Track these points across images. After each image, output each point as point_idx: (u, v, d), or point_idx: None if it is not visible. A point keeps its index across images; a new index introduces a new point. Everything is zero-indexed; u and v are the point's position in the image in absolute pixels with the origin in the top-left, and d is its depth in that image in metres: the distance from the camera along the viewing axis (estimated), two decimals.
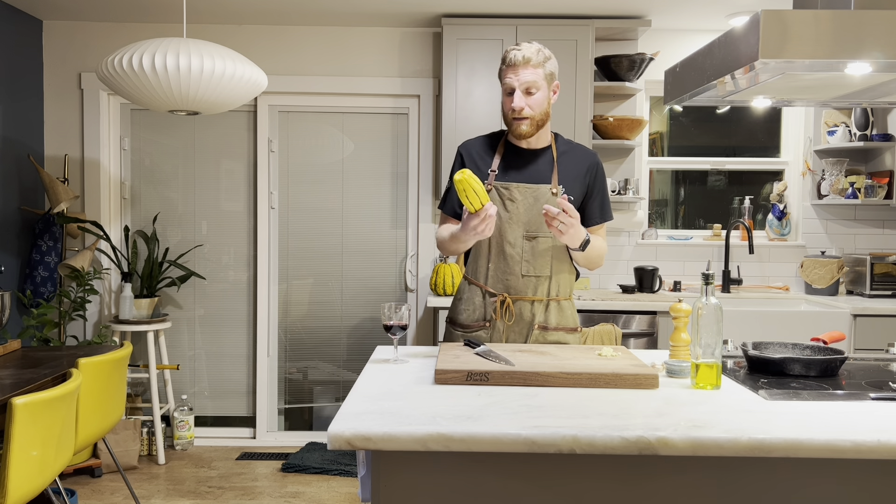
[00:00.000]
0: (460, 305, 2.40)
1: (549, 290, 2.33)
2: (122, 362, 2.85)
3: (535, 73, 2.24)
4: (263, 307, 4.35)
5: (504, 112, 2.31)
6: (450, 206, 2.43)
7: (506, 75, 2.26)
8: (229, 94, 2.98)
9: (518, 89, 2.24)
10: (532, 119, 2.26)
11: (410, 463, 1.45)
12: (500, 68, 2.30)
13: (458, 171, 2.05)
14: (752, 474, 1.45)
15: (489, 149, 2.38)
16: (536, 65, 2.24)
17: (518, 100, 2.23)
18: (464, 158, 2.40)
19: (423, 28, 4.23)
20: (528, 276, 2.29)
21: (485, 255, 2.33)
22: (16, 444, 2.02)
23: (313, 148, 4.37)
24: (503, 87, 2.29)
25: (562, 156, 2.36)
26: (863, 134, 4.04)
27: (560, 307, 2.36)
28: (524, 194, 2.29)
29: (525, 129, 2.27)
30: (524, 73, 2.23)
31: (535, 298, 2.32)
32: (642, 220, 4.21)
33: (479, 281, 2.36)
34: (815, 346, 2.03)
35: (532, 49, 2.25)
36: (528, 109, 2.25)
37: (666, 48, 4.17)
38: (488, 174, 2.34)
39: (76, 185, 4.23)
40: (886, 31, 1.65)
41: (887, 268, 3.96)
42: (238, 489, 3.60)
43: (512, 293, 2.31)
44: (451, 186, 2.41)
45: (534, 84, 2.24)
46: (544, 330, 2.33)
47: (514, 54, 2.24)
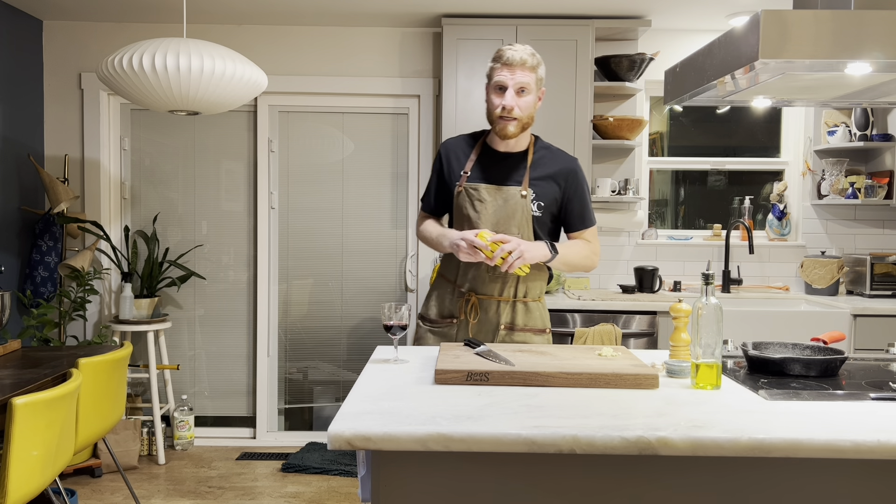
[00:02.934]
0: (431, 301, 2.45)
1: (517, 291, 2.35)
2: (122, 362, 2.85)
3: (529, 75, 2.26)
4: (263, 307, 4.35)
5: (490, 110, 2.31)
6: (427, 204, 2.51)
7: (499, 73, 2.27)
8: (229, 94, 2.98)
9: (511, 88, 2.25)
10: (520, 120, 2.28)
11: (410, 463, 1.45)
12: (492, 66, 2.30)
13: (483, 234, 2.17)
14: (752, 474, 1.45)
15: (467, 149, 2.42)
16: (531, 67, 2.27)
17: (510, 98, 2.24)
18: (441, 157, 2.45)
19: (423, 28, 4.23)
20: (494, 275, 2.32)
21: None
22: (16, 444, 2.02)
23: (313, 148, 4.37)
24: (493, 84, 2.29)
25: (538, 160, 2.37)
26: (863, 134, 4.04)
27: (527, 308, 2.37)
28: (493, 196, 2.31)
29: (512, 130, 2.28)
30: (520, 73, 2.25)
31: (501, 298, 2.34)
32: (642, 220, 4.21)
33: (451, 278, 2.40)
34: (815, 346, 2.03)
35: (527, 51, 2.27)
36: (518, 110, 2.26)
37: (666, 48, 4.17)
38: (461, 175, 2.37)
39: (76, 185, 4.23)
40: (886, 31, 1.65)
41: (887, 268, 3.96)
42: (238, 489, 3.60)
43: (479, 292, 2.34)
44: (430, 183, 2.49)
45: (527, 86, 2.26)
46: (510, 330, 2.35)
47: (511, 54, 2.25)
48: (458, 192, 2.36)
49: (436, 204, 2.49)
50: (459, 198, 2.35)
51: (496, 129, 2.30)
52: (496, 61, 2.29)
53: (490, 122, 2.33)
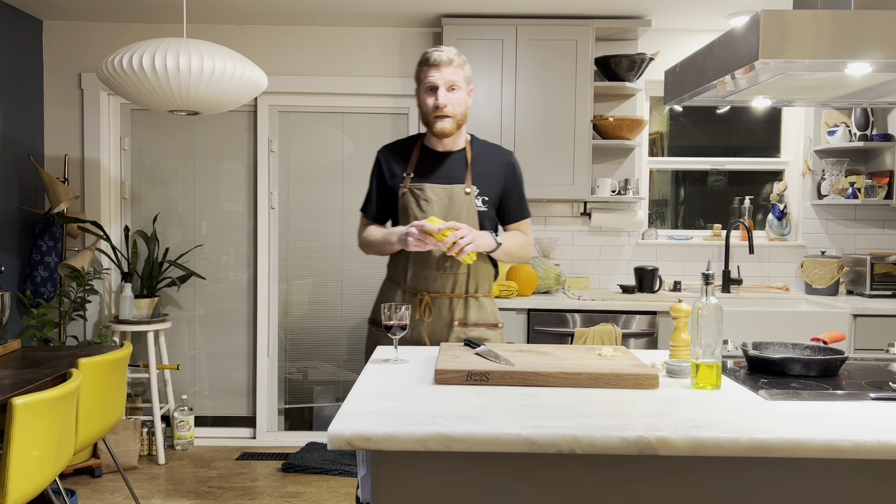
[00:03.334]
0: (381, 304, 2.44)
1: (468, 287, 2.41)
2: (122, 362, 2.85)
3: (457, 72, 2.36)
4: (263, 307, 4.35)
5: (425, 112, 2.39)
6: (369, 212, 2.52)
7: (428, 74, 2.35)
8: (229, 94, 2.98)
9: (442, 87, 2.33)
10: (454, 118, 2.36)
11: (410, 463, 1.45)
12: (420, 69, 2.39)
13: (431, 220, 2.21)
14: (752, 474, 1.45)
15: (406, 152, 2.47)
16: (458, 65, 2.36)
17: (443, 96, 2.33)
18: (380, 164, 2.49)
19: (423, 28, 4.23)
20: (445, 273, 2.37)
21: (404, 255, 2.41)
22: (16, 444, 2.02)
23: (313, 148, 4.37)
24: (424, 86, 2.37)
25: (476, 157, 2.44)
26: (863, 134, 4.04)
27: (479, 303, 2.44)
28: (438, 195, 2.37)
29: (448, 128, 2.35)
30: (447, 71, 2.33)
31: (454, 295, 2.40)
32: (642, 220, 4.21)
33: (400, 280, 2.43)
34: (815, 346, 2.03)
35: (452, 51, 2.37)
36: (451, 107, 2.34)
37: (666, 48, 4.17)
38: (404, 178, 2.42)
39: (76, 185, 4.23)
40: (886, 31, 1.65)
41: (887, 268, 3.96)
42: (238, 489, 3.60)
43: (431, 291, 2.39)
44: (370, 190, 2.52)
45: (456, 83, 2.35)
46: (464, 326, 2.40)
47: (437, 55, 2.35)
48: (402, 194, 2.41)
49: (378, 210, 2.52)
50: (404, 199, 2.40)
51: (434, 129, 2.37)
52: (423, 64, 2.37)
53: (426, 123, 2.40)
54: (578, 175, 3.92)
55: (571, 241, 4.27)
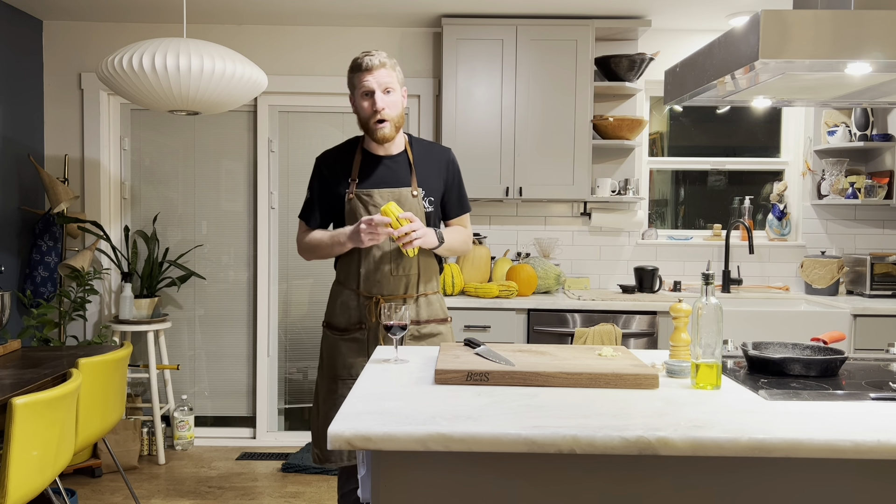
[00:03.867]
0: (336, 310, 2.50)
1: (419, 287, 2.46)
2: (122, 362, 2.85)
3: (390, 74, 2.39)
4: (263, 307, 4.35)
5: (363, 118, 2.41)
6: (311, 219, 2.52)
7: (363, 79, 2.37)
8: (229, 94, 2.98)
9: (378, 90, 2.36)
10: (392, 121, 2.39)
11: (410, 463, 1.45)
12: (353, 75, 2.40)
13: (387, 205, 2.24)
14: (752, 474, 1.45)
15: (347, 158, 2.48)
16: (390, 67, 2.40)
17: (381, 100, 2.35)
18: (322, 170, 2.50)
19: (423, 28, 4.23)
20: (397, 275, 2.41)
21: (356, 260, 2.43)
22: (16, 444, 2.02)
23: (313, 148, 4.37)
24: (360, 91, 2.39)
25: (418, 158, 2.48)
26: (863, 134, 4.04)
27: (429, 301, 2.49)
28: (386, 199, 2.40)
29: (388, 132, 2.39)
30: (380, 73, 2.37)
31: (407, 296, 2.44)
32: (642, 220, 4.21)
33: (352, 285, 2.45)
34: (815, 346, 2.03)
35: (383, 54, 2.41)
36: (388, 109, 2.37)
37: (666, 48, 4.17)
38: (349, 183, 2.43)
39: (76, 185, 4.23)
40: (886, 31, 1.65)
41: (887, 268, 3.96)
42: (238, 489, 3.60)
43: (385, 293, 2.41)
44: (311, 197, 2.51)
45: (390, 84, 2.38)
46: (417, 324, 2.45)
47: (368, 59, 2.37)
48: (349, 200, 2.43)
49: (321, 217, 2.53)
50: (352, 204, 2.42)
51: (375, 134, 2.39)
52: (356, 70, 2.39)
53: (365, 129, 2.42)
54: (578, 175, 3.92)
55: (571, 241, 4.27)
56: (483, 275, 3.97)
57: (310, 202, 2.53)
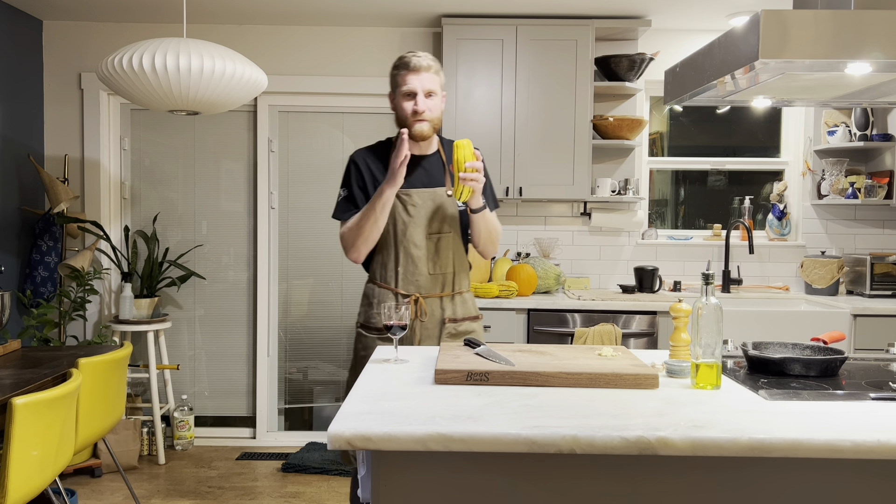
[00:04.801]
0: (372, 310, 2.50)
1: (454, 285, 2.48)
2: (122, 362, 2.85)
3: (434, 79, 2.40)
4: (263, 307, 4.35)
5: (402, 115, 2.40)
6: (351, 217, 2.44)
7: (407, 79, 2.36)
8: (229, 94, 2.98)
9: (420, 93, 2.36)
10: (432, 122, 2.40)
11: (410, 463, 1.45)
12: (398, 73, 2.39)
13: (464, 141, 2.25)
14: (752, 474, 1.45)
15: (382, 157, 2.48)
16: (435, 72, 2.40)
17: (422, 102, 2.36)
18: (359, 167, 2.48)
19: (423, 28, 4.23)
20: (434, 273, 2.44)
21: (392, 259, 2.45)
22: (16, 444, 2.02)
23: (313, 148, 4.37)
24: (402, 90, 2.38)
25: (449, 157, 2.47)
26: (863, 134, 4.04)
27: (463, 299, 2.51)
28: (423, 198, 2.42)
29: (426, 130, 2.40)
30: (426, 77, 2.37)
31: (443, 294, 2.46)
32: (642, 220, 4.21)
33: (390, 284, 2.46)
34: (815, 346, 2.03)
35: (430, 57, 2.40)
36: (429, 112, 2.38)
37: (666, 48, 4.17)
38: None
39: (76, 185, 4.23)
40: (886, 31, 1.65)
41: (887, 268, 3.96)
42: (238, 489, 3.60)
43: (423, 292, 2.44)
44: (348, 195, 2.47)
45: (433, 88, 2.39)
46: (454, 322, 2.46)
47: (417, 60, 2.37)
48: None
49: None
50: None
51: (412, 131, 2.38)
52: (402, 68, 2.38)
53: (403, 126, 2.41)
54: (578, 175, 3.92)
55: (571, 241, 4.27)
56: (483, 275, 3.97)
57: (346, 199, 2.46)
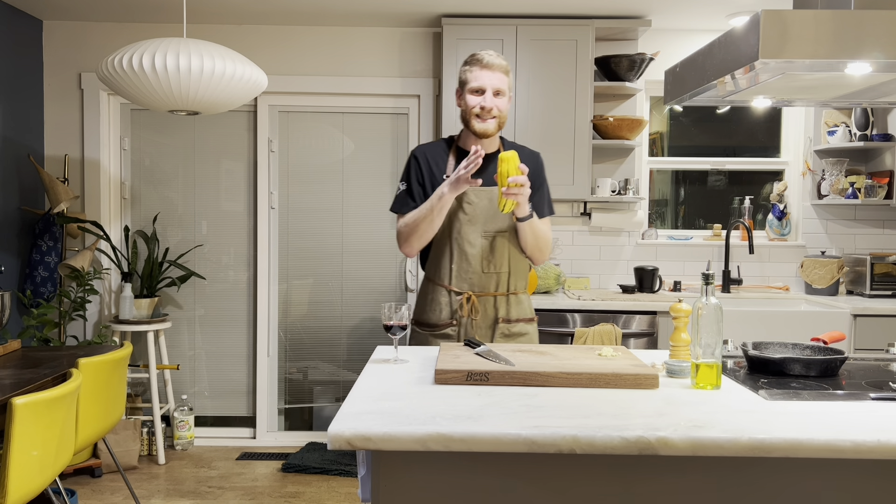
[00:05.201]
0: (426, 306, 2.49)
1: (509, 285, 2.45)
2: (122, 362, 2.85)
3: (504, 80, 2.39)
4: (263, 307, 4.35)
5: (467, 111, 2.40)
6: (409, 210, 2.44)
7: (477, 75, 2.36)
8: (229, 94, 2.98)
9: (489, 90, 2.36)
10: (498, 119, 2.39)
11: (410, 463, 1.45)
12: (468, 68, 2.39)
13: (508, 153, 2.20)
14: (752, 474, 1.45)
15: (443, 154, 2.48)
16: (506, 72, 2.39)
17: (489, 99, 2.35)
18: (419, 162, 2.48)
19: (423, 28, 4.23)
20: (489, 272, 2.41)
21: (447, 256, 2.43)
22: (16, 444, 2.02)
23: (313, 148, 4.37)
24: (471, 86, 2.37)
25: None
26: (863, 134, 4.04)
27: (518, 300, 2.48)
28: (480, 197, 2.40)
29: (491, 129, 2.39)
30: (497, 76, 2.36)
31: (497, 293, 2.44)
32: (642, 220, 4.21)
33: (443, 281, 2.45)
34: (815, 346, 2.03)
35: (501, 57, 2.39)
36: (496, 110, 2.37)
37: (666, 48, 4.17)
38: (443, 179, 2.42)
39: (76, 185, 4.23)
40: (886, 31, 1.65)
41: (887, 268, 3.96)
42: (238, 489, 3.60)
43: (476, 290, 2.42)
44: (407, 189, 2.47)
45: (503, 90, 2.38)
46: (508, 322, 2.44)
47: (489, 58, 2.37)
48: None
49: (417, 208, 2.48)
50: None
51: (475, 128, 2.38)
52: (473, 64, 2.38)
53: (467, 123, 2.41)
54: (578, 175, 3.92)
55: (571, 241, 4.27)
56: None
57: (405, 193, 2.47)
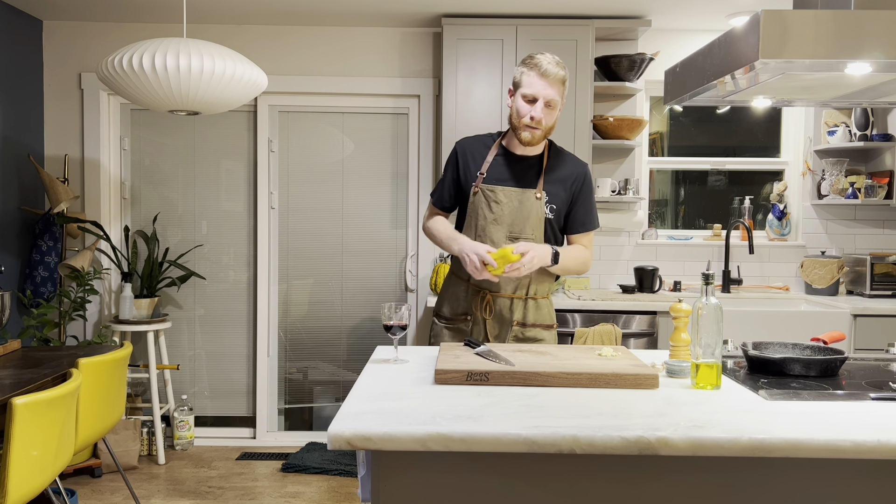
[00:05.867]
0: (446, 298, 2.50)
1: (528, 290, 2.42)
2: (122, 362, 2.85)
3: (560, 89, 2.31)
4: (263, 307, 4.35)
5: (516, 115, 2.34)
6: (439, 200, 2.53)
7: (533, 82, 2.28)
8: (229, 94, 2.98)
9: (542, 99, 2.28)
10: (542, 130, 2.33)
11: (410, 463, 1.45)
12: (526, 72, 2.30)
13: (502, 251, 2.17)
14: (752, 474, 1.45)
15: (484, 150, 2.45)
16: (563, 82, 2.31)
17: (539, 111, 2.28)
18: (458, 156, 2.47)
19: (423, 28, 4.23)
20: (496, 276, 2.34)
21: None
22: (16, 444, 2.02)
23: (313, 148, 4.37)
24: (524, 91, 2.30)
25: (551, 164, 2.42)
26: (863, 134, 4.04)
27: (537, 305, 2.44)
28: (509, 197, 2.37)
29: (535, 138, 2.33)
30: (553, 87, 2.28)
31: (515, 296, 2.41)
32: (642, 220, 4.20)
33: (464, 276, 2.44)
34: (815, 346, 2.03)
35: (562, 65, 2.30)
36: (545, 122, 2.31)
37: (666, 48, 4.17)
38: (477, 176, 2.41)
39: (76, 185, 4.23)
40: (886, 31, 1.65)
41: (887, 268, 3.96)
42: (238, 489, 3.60)
43: (493, 290, 2.40)
44: (443, 179, 2.51)
45: (556, 101, 2.30)
46: (522, 326, 2.41)
47: (548, 66, 2.27)
48: (474, 192, 2.41)
49: (450, 201, 2.53)
50: (475, 198, 2.40)
51: (521, 136, 2.34)
52: (531, 68, 2.29)
53: (514, 127, 2.36)
54: None
55: None
56: None
57: (442, 182, 2.53)
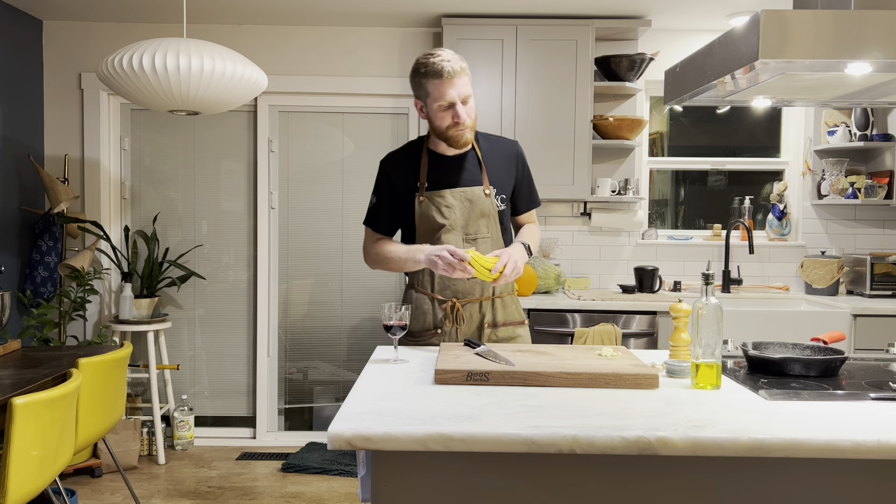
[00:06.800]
0: (409, 315, 2.37)
1: (494, 289, 2.38)
2: (122, 362, 2.85)
3: (467, 82, 2.25)
4: (263, 307, 4.34)
5: (438, 126, 2.26)
6: (379, 225, 2.41)
7: (442, 90, 2.19)
8: (229, 94, 2.98)
9: (458, 101, 2.21)
10: (473, 125, 2.28)
11: (410, 463, 1.45)
12: (427, 81, 2.21)
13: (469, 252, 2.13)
14: (752, 474, 1.45)
15: (412, 159, 2.36)
16: (466, 73, 2.25)
17: (461, 113, 2.22)
18: (390, 174, 2.37)
19: (423, 28, 4.23)
20: (473, 277, 2.27)
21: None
22: (16, 444, 2.02)
23: (313, 148, 4.37)
24: (439, 103, 2.21)
25: (486, 154, 2.37)
26: (863, 134, 4.04)
27: (504, 303, 2.41)
28: (458, 199, 2.31)
29: (469, 137, 2.28)
30: (460, 83, 2.21)
31: (483, 298, 2.36)
32: (642, 220, 4.21)
33: (426, 289, 2.37)
34: (815, 346, 2.03)
35: (456, 58, 2.22)
36: (469, 119, 2.25)
37: (666, 48, 4.17)
38: (417, 186, 2.33)
39: (76, 185, 4.23)
40: (886, 31, 1.65)
41: (887, 268, 3.96)
42: (238, 489, 3.60)
43: (460, 297, 2.34)
44: (378, 202, 2.40)
45: (468, 93, 2.25)
46: (494, 327, 2.38)
47: (448, 66, 2.18)
48: (420, 202, 2.32)
49: (390, 223, 2.42)
50: (423, 207, 2.31)
51: (457, 142, 2.27)
52: (432, 77, 2.19)
53: (442, 137, 2.28)
54: (578, 175, 3.92)
55: (571, 241, 4.27)
56: None
57: (376, 207, 2.40)
